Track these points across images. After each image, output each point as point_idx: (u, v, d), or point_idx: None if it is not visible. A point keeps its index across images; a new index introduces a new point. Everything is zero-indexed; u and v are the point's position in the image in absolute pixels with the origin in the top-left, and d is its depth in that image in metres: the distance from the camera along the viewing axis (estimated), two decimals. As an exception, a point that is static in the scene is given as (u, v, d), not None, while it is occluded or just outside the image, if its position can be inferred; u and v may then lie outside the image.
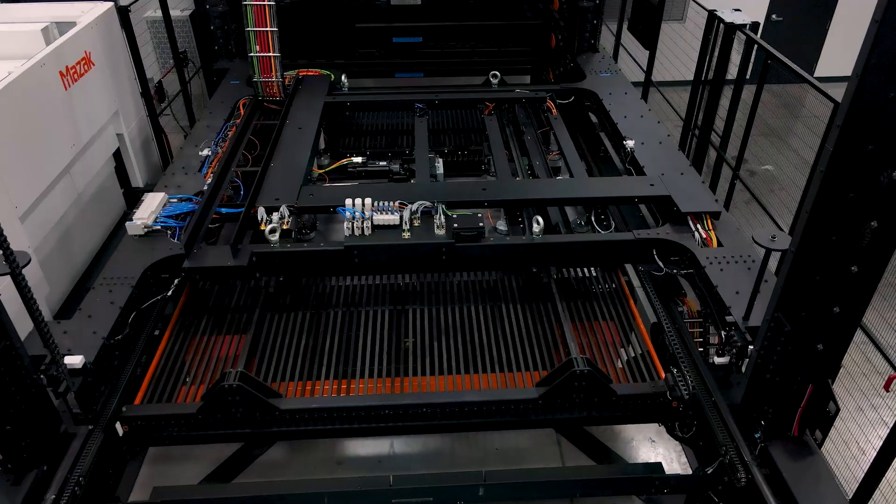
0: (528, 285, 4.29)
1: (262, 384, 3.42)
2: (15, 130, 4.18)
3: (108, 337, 3.32)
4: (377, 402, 3.48)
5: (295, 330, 4.00)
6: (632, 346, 3.92)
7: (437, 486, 3.47)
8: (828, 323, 2.69)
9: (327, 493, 3.50)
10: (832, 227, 2.46)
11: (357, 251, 3.89)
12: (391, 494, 3.45)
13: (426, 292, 4.29)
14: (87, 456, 3.15)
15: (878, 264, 2.52)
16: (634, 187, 4.37)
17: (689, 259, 3.89)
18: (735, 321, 3.35)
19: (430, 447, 4.67)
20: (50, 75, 4.62)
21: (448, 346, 3.86)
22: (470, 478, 3.49)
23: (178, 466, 4.63)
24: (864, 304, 2.66)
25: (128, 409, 3.42)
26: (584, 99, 5.99)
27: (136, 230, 3.97)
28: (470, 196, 4.23)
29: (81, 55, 5.03)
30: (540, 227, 3.93)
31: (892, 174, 2.27)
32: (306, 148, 4.81)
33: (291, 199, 4.19)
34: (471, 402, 3.49)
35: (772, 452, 3.00)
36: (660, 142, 5.00)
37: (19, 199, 4.22)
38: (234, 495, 3.60)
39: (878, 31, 2.10)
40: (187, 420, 3.42)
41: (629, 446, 4.79)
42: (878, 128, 2.24)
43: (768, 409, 3.00)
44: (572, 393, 3.45)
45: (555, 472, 3.94)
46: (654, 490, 3.53)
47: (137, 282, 3.66)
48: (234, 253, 3.78)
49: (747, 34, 5.85)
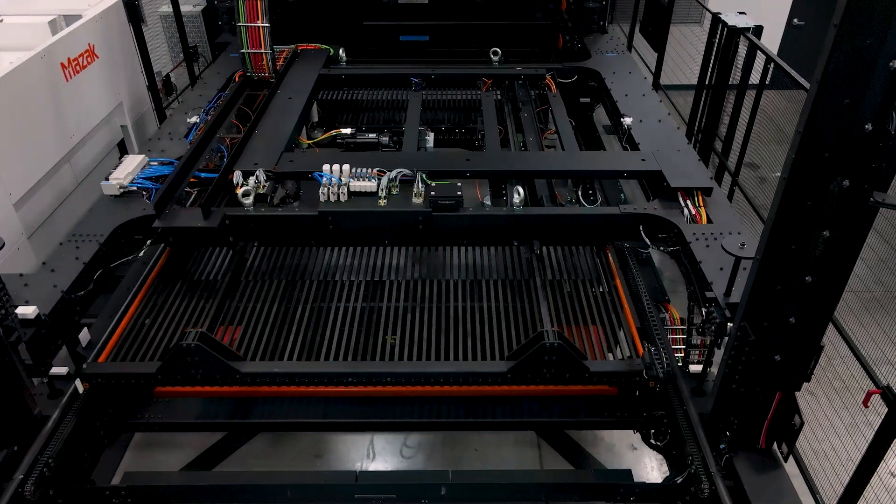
0: (509, 261, 4.14)
1: (224, 346, 3.34)
2: (11, 120, 4.21)
3: (68, 291, 3.27)
4: (341, 369, 3.38)
5: (267, 299, 3.92)
6: (614, 324, 3.76)
7: (400, 484, 3.47)
8: (784, 334, 2.59)
9: (290, 485, 3.51)
10: (792, 235, 2.36)
11: (332, 217, 3.79)
12: (354, 489, 3.45)
13: (404, 266, 4.17)
14: (59, 438, 3.16)
15: (834, 275, 2.40)
16: (624, 162, 4.20)
17: (676, 235, 3.72)
18: (715, 297, 3.18)
19: (410, 444, 4.63)
20: (51, 66, 4.66)
21: (423, 325, 3.73)
22: (435, 477, 3.48)
23: (162, 454, 4.67)
24: (823, 316, 2.54)
25: (88, 367, 3.37)
26: (587, 78, 5.82)
27: (111, 190, 3.94)
28: (451, 166, 4.11)
29: (85, 47, 5.09)
30: (521, 197, 3.78)
31: (843, 183, 2.17)
32: (293, 116, 4.73)
33: (271, 164, 4.11)
34: (437, 373, 3.37)
35: (736, 464, 2.93)
36: (659, 120, 4.82)
37: (14, 187, 4.25)
38: (200, 483, 3.63)
39: (837, 36, 1.97)
40: (147, 379, 3.36)
41: (611, 452, 4.70)
42: (833, 135, 2.13)
43: (734, 419, 2.92)
44: (542, 368, 3.31)
45: (519, 474, 3.86)
46: (619, 497, 3.46)
47: (106, 239, 3.61)
48: (205, 214, 3.71)
49: (750, 38, 5.63)
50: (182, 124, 4.81)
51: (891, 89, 2.00)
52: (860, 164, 2.12)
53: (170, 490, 3.59)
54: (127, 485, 3.47)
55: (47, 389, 3.42)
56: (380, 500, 3.52)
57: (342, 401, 3.84)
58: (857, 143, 2.09)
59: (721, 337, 3.14)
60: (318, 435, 4.67)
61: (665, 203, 3.89)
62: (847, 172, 2.15)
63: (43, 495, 3.05)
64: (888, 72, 1.99)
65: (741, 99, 5.84)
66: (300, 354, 3.55)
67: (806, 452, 4.49)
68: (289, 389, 3.83)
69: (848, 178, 2.15)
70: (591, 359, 3.45)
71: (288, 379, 3.36)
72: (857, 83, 2.03)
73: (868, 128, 2.06)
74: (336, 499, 3.64)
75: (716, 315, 3.14)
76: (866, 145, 2.10)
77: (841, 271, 2.39)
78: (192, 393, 3.90)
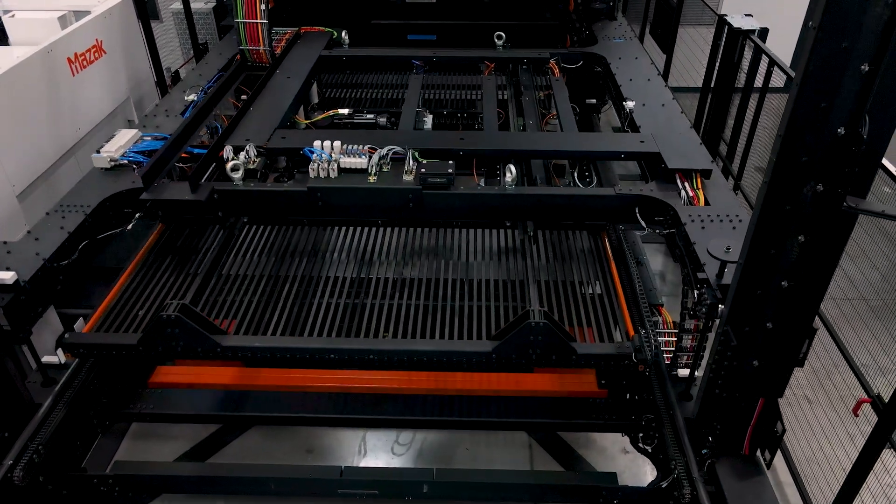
0: (502, 243, 4.06)
1: (205, 318, 3.30)
2: (15, 113, 4.25)
3: (50, 259, 3.25)
4: (322, 345, 3.32)
5: (255, 275, 3.88)
6: (604, 307, 3.66)
7: (383, 480, 3.49)
8: (762, 339, 2.55)
9: (274, 478, 3.56)
10: (771, 240, 2.33)
11: (321, 193, 3.74)
12: (338, 485, 3.46)
13: (394, 247, 4.12)
14: (50, 425, 3.21)
15: (812, 282, 2.37)
16: (622, 143, 4.09)
17: (672, 217, 3.61)
18: (707, 278, 3.07)
19: (402, 441, 4.64)
20: (57, 61, 4.70)
21: (411, 307, 3.66)
22: (418, 474, 3.51)
23: (157, 445, 4.71)
24: (801, 322, 2.50)
25: (70, 337, 3.35)
26: (593, 64, 5.70)
27: (101, 163, 3.92)
28: (445, 144, 4.03)
29: (92, 43, 5.14)
30: (512, 175, 3.70)
31: (817, 187, 2.14)
32: (290, 95, 4.68)
33: (263, 141, 4.07)
34: (421, 351, 3.30)
35: (718, 470, 2.90)
36: (662, 104, 4.70)
37: (17, 179, 4.29)
38: (186, 473, 3.72)
39: (816, 39, 1.93)
40: (128, 350, 3.33)
41: (603, 455, 4.66)
42: (811, 139, 2.09)
43: (717, 425, 2.88)
44: (528, 348, 3.22)
45: (502, 474, 3.84)
46: (602, 501, 3.45)
47: (93, 210, 3.59)
48: (192, 188, 3.68)
49: (754, 41, 5.49)
50: (179, 102, 4.79)
51: (863, 93, 1.97)
52: (833, 168, 2.09)
53: (156, 479, 3.66)
54: (114, 473, 3.54)
55: (40, 378, 3.44)
56: (363, 496, 3.53)
57: (335, 396, 3.85)
58: (830, 147, 2.06)
59: (712, 319, 3.04)
60: (311, 431, 4.68)
61: (662, 185, 3.78)
62: (821, 177, 2.12)
63: (32, 481, 3.10)
64: (860, 75, 1.95)
65: (746, 102, 5.72)
66: (284, 331, 3.51)
67: (800, 460, 4.43)
68: (281, 383, 3.88)
69: (822, 183, 2.13)
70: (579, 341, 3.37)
71: (269, 354, 3.31)
72: (833, 87, 2.00)
73: (841, 132, 2.04)
74: (319, 493, 3.68)
75: (707, 296, 3.04)
76: (839, 149, 2.05)
77: (819, 278, 2.37)
78: (185, 385, 3.94)
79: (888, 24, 1.89)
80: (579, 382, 3.90)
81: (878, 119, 2.03)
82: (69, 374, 3.51)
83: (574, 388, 3.87)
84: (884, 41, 1.91)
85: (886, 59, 1.92)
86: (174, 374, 4.03)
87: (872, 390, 3.69)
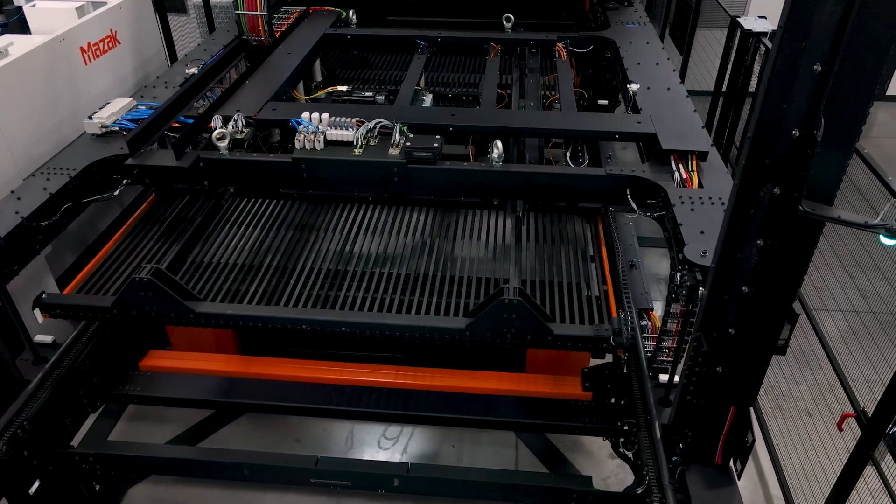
0: (491, 223, 3.98)
1: (179, 283, 3.29)
2: (25, 100, 4.28)
3: (29, 218, 3.26)
4: (294, 315, 3.29)
5: (237, 245, 3.87)
6: (590, 290, 3.55)
7: (355, 472, 3.51)
8: (725, 346, 2.46)
9: (247, 464, 3.61)
10: (737, 244, 2.24)
11: (305, 164, 3.69)
12: (311, 474, 3.49)
13: (380, 223, 4.07)
14: (36, 402, 3.26)
15: (774, 288, 2.27)
16: (617, 123, 3.96)
17: (663, 199, 3.47)
18: (687, 258, 2.93)
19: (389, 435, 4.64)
20: (69, 50, 4.74)
21: (391, 283, 3.60)
22: (393, 468, 3.53)
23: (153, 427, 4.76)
24: (766, 329, 2.39)
25: (47, 297, 3.37)
26: (603, 48, 5.55)
27: (93, 128, 3.94)
28: (435, 120, 3.95)
29: (106, 33, 5.19)
30: (499, 151, 3.60)
31: (774, 190, 2.06)
32: (287, 70, 4.65)
33: (253, 112, 4.05)
34: (392, 325, 3.23)
35: (688, 478, 2.82)
36: (668, 88, 4.54)
37: (26, 163, 4.32)
38: (163, 455, 3.78)
39: (782, 38, 1.86)
40: (103, 313, 3.34)
41: (590, 459, 4.56)
42: (775, 141, 2.02)
43: (688, 432, 2.80)
44: (502, 326, 3.14)
45: (475, 472, 3.82)
46: (573, 503, 3.40)
47: (78, 174, 3.60)
48: (177, 155, 3.66)
49: (766, 45, 5.27)
50: (179, 74, 4.80)
51: (816, 94, 1.90)
52: (789, 171, 2.02)
53: (134, 460, 3.72)
54: (95, 451, 3.60)
55: (32, 356, 3.48)
56: (336, 487, 3.52)
57: (325, 388, 3.87)
58: (785, 149, 2.00)
59: (691, 304, 2.90)
60: (302, 421, 4.70)
61: (656, 166, 3.64)
62: (778, 180, 2.05)
63: (16, 455, 3.15)
64: (813, 75, 1.87)
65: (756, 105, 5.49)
66: (261, 301, 3.48)
67: (792, 475, 4.28)
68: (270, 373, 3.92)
69: (778, 186, 2.05)
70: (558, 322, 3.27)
71: (241, 322, 3.29)
72: (790, 88, 1.92)
73: (795, 134, 1.97)
74: (293, 482, 3.68)
75: (686, 278, 2.90)
76: (795, 152, 1.98)
77: (783, 285, 2.27)
78: (175, 370, 4.02)
79: (840, 23, 1.81)
80: (564, 384, 3.84)
81: (842, 123, 1.96)
82: (59, 354, 3.55)
83: (558, 390, 3.82)
84: (836, 41, 1.83)
85: (839, 60, 1.85)
86: (165, 359, 4.10)
87: (859, 404, 3.56)
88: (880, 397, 3.14)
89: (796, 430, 4.62)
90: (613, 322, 3.19)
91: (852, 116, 1.95)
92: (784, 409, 4.86)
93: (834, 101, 1.92)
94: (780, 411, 4.86)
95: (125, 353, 4.07)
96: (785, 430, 4.65)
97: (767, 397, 4.98)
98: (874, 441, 3.15)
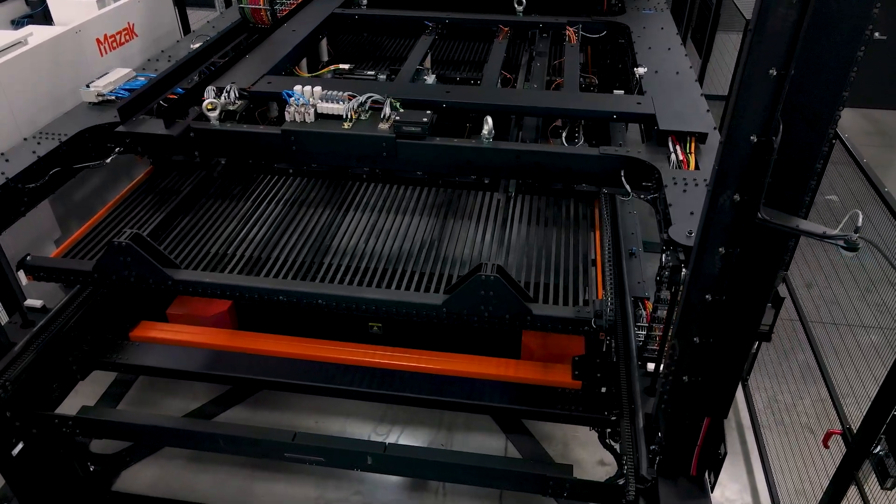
0: (481, 203, 3.89)
1: (158, 250, 3.28)
2: (38, 88, 4.30)
3: (14, 180, 3.28)
4: (270, 285, 3.24)
5: (225, 216, 3.85)
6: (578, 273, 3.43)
7: (329, 448, 3.47)
8: (689, 354, 2.38)
9: (222, 435, 3.61)
10: (708, 251, 2.18)
11: (294, 137, 3.65)
12: (285, 448, 3.47)
13: (369, 201, 4.01)
14: (20, 364, 3.31)
15: (738, 297, 2.20)
16: (616, 103, 3.83)
17: (657, 181, 3.33)
18: (672, 239, 2.80)
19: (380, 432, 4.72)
20: (85, 41, 4.78)
21: (375, 259, 3.53)
22: (369, 446, 3.47)
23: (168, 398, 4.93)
24: (730, 340, 2.32)
25: (31, 259, 3.39)
26: (616, 34, 5.40)
27: (89, 97, 3.96)
28: (429, 96, 3.87)
29: (124, 25, 5.22)
30: (489, 127, 3.50)
31: (734, 197, 2.01)
32: (289, 46, 4.62)
33: (248, 84, 4.02)
34: (370, 299, 3.16)
35: (660, 491, 2.73)
36: (677, 72, 4.38)
37: None
38: (139, 422, 3.79)
39: (752, 41, 1.80)
40: (84, 277, 3.35)
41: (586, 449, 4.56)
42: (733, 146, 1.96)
43: (662, 439, 2.71)
44: (479, 304, 3.04)
45: (454, 455, 3.76)
46: (550, 491, 3.34)
47: (69, 139, 3.62)
48: (166, 123, 3.66)
49: None
50: (185, 49, 4.81)
51: (773, 99, 1.84)
52: (748, 177, 1.97)
53: (112, 425, 3.74)
54: (75, 415, 3.62)
55: (21, 320, 3.51)
56: (310, 462, 3.48)
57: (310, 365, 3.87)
58: (744, 155, 1.94)
59: (675, 285, 2.77)
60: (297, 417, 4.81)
61: (653, 147, 3.51)
62: (738, 186, 2.00)
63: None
64: (769, 80, 1.81)
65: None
66: (242, 272, 3.44)
67: (785, 494, 4.16)
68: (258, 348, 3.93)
69: (738, 193, 2.01)
70: (540, 304, 3.16)
71: (219, 290, 3.25)
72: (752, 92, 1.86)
73: (753, 139, 1.91)
74: (268, 455, 3.66)
75: (670, 259, 2.77)
76: (754, 158, 1.93)
77: (748, 295, 2.20)
78: (166, 340, 4.06)
79: (795, 26, 1.74)
80: (553, 372, 3.75)
81: (807, 129, 1.91)
82: (48, 319, 3.59)
83: (546, 377, 3.73)
84: (792, 45, 1.76)
85: (793, 66, 1.79)
86: (156, 330, 4.12)
87: (847, 421, 3.41)
88: (864, 415, 3.01)
89: (798, 446, 4.45)
90: (596, 304, 3.07)
91: (817, 123, 1.90)
92: (785, 423, 4.70)
93: (798, 107, 1.88)
94: (780, 426, 4.68)
95: (116, 322, 4.09)
96: (785, 445, 4.47)
97: (768, 411, 4.82)
98: (858, 461, 3.04)
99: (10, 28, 6.26)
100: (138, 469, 4.48)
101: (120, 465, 4.51)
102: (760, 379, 5.01)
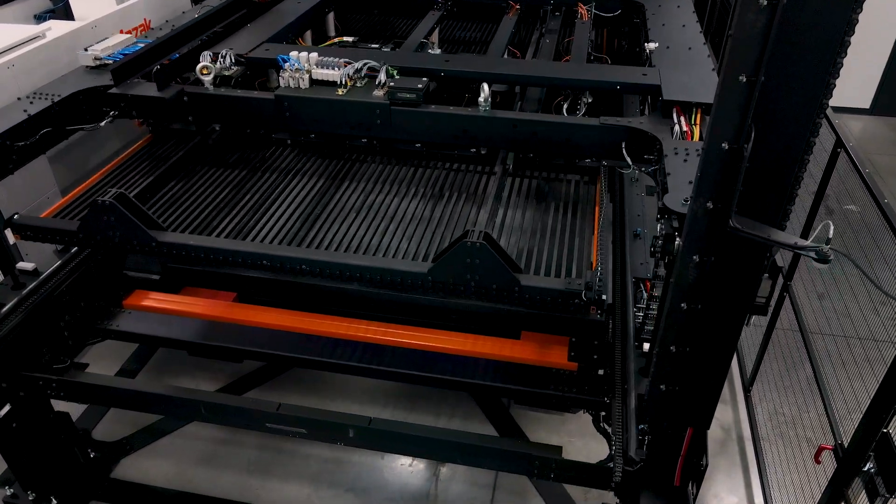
0: (477, 177, 3.78)
1: (143, 210, 3.23)
2: None
3: (2, 136, 3.25)
4: (256, 249, 3.17)
5: (217, 182, 3.80)
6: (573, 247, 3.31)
7: (311, 419, 3.43)
8: (668, 361, 2.34)
9: (203, 402, 3.59)
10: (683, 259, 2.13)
11: (287, 102, 3.57)
12: (267, 418, 3.44)
13: (364, 171, 3.93)
14: (7, 324, 3.32)
15: (714, 307, 2.15)
16: (618, 74, 3.68)
17: (658, 152, 3.19)
18: (667, 206, 2.66)
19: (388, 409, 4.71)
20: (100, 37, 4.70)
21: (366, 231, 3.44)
22: (352, 419, 3.43)
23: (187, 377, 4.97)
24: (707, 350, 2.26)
25: (19, 218, 3.37)
26: (631, 13, 5.24)
27: (86, 60, 3.93)
28: (427, 64, 3.77)
29: (140, 21, 5.30)
30: (485, 94, 3.39)
31: (707, 204, 1.97)
32: (292, 15, 4.56)
33: (245, 51, 3.96)
34: (354, 266, 3.07)
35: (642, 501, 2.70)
36: (689, 48, 4.21)
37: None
38: (122, 387, 3.80)
39: (732, 46, 1.75)
40: (70, 237, 3.31)
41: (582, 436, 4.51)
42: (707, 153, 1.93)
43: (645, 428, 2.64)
44: (465, 272, 2.93)
45: (439, 432, 3.67)
46: (535, 472, 3.28)
47: (62, 100, 3.59)
48: (159, 86, 3.61)
49: None
50: (188, 18, 4.76)
51: (745, 106, 1.79)
52: (720, 185, 1.93)
53: (96, 389, 3.71)
54: (58, 378, 3.61)
55: (12, 282, 3.50)
56: (293, 434, 3.42)
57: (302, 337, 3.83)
58: (716, 162, 1.91)
59: (667, 255, 2.62)
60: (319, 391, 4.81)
61: (656, 118, 3.36)
62: (711, 194, 1.95)
63: None
64: (739, 86, 1.77)
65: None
66: (229, 236, 3.38)
67: None
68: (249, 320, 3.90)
69: (711, 201, 1.96)
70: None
71: (203, 254, 3.19)
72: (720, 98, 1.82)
73: (724, 146, 1.87)
74: (249, 426, 3.60)
75: (664, 227, 2.63)
76: (725, 165, 1.89)
77: (725, 305, 2.16)
78: (159, 310, 4.04)
79: (764, 32, 1.69)
80: (549, 353, 3.62)
81: (783, 137, 1.87)
82: (38, 282, 3.56)
83: (542, 358, 3.60)
84: (761, 52, 1.71)
85: (762, 73, 1.74)
86: (150, 299, 4.10)
87: (839, 436, 3.27)
88: (854, 430, 2.86)
89: (801, 460, 4.25)
90: (586, 276, 2.94)
91: (793, 130, 1.86)
92: (788, 437, 4.51)
93: (773, 113, 1.83)
94: (782, 439, 4.50)
95: (110, 290, 4.07)
96: (786, 458, 4.29)
97: (770, 423, 4.64)
98: (847, 478, 2.92)
99: (33, 22, 6.40)
100: (135, 459, 4.49)
101: (120, 453, 4.51)
102: (764, 390, 4.83)
